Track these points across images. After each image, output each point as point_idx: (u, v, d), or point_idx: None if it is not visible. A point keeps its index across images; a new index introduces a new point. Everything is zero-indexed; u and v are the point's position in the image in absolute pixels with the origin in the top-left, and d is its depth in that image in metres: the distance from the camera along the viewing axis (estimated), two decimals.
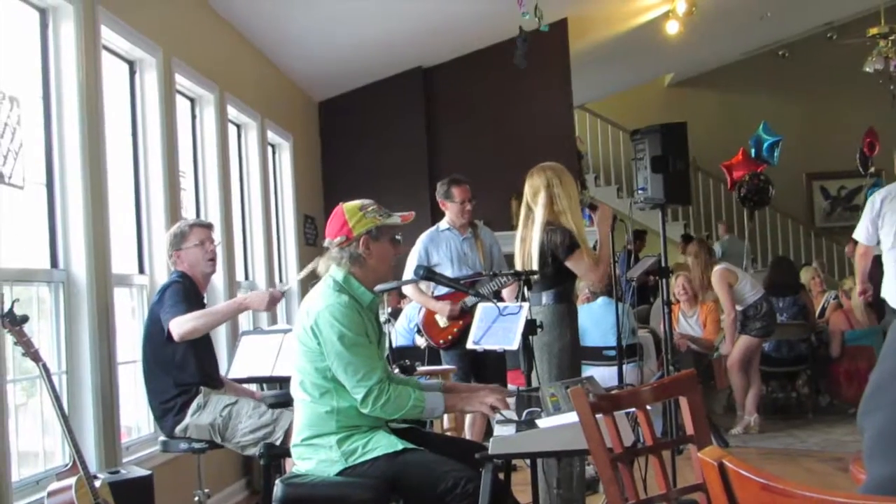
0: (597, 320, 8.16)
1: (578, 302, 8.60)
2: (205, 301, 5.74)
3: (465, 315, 7.07)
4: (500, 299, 6.88)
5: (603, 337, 8.13)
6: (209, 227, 5.91)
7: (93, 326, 5.58)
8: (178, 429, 5.45)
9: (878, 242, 7.70)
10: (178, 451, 5.66)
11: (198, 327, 5.40)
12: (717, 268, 9.56)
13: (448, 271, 7.12)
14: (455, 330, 7.24)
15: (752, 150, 13.12)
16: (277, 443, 5.21)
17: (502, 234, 8.31)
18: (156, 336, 5.47)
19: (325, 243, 4.40)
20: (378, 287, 4.59)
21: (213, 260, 5.79)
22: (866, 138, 14.34)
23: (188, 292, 5.52)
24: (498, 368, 7.19)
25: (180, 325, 5.33)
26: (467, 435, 7.15)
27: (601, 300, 8.39)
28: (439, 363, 7.46)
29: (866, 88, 14.97)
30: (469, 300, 7.05)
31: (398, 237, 4.49)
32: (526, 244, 6.08)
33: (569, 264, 5.88)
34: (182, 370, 5.44)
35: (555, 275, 5.91)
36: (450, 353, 7.35)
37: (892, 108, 13.69)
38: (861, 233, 7.83)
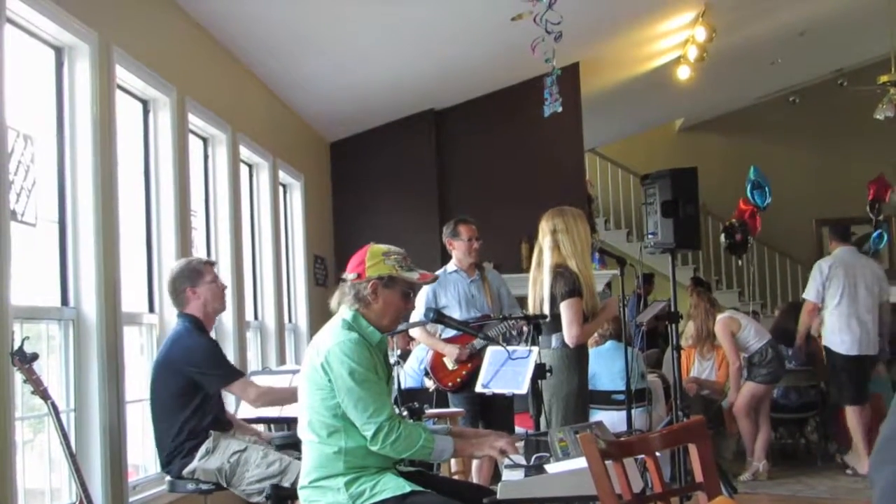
0: (605, 364, 8.15)
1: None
2: None
3: (474, 358, 7.07)
4: (520, 333, 6.91)
5: (612, 381, 8.11)
6: (215, 264, 5.94)
7: (102, 365, 5.58)
8: (185, 471, 5.44)
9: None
10: (185, 492, 5.64)
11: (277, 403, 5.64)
12: (720, 316, 9.56)
13: (456, 314, 7.11)
14: (463, 373, 7.23)
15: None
16: None
17: (513, 276, 8.32)
18: (169, 381, 5.46)
19: (343, 275, 4.40)
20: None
21: (223, 297, 5.81)
22: (873, 184, 14.35)
23: (218, 351, 5.59)
24: (506, 412, 7.18)
25: (257, 396, 5.52)
26: (474, 478, 7.12)
27: (609, 343, 8.37)
28: (447, 406, 7.44)
29: (876, 135, 15.00)
30: (477, 343, 7.04)
31: (412, 293, 4.49)
32: (537, 287, 6.13)
33: (561, 307, 5.93)
34: (194, 417, 5.43)
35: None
36: (458, 396, 7.34)
37: None
38: (811, 294, 9.59)
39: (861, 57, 15.55)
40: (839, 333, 9.33)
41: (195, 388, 5.42)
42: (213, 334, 5.81)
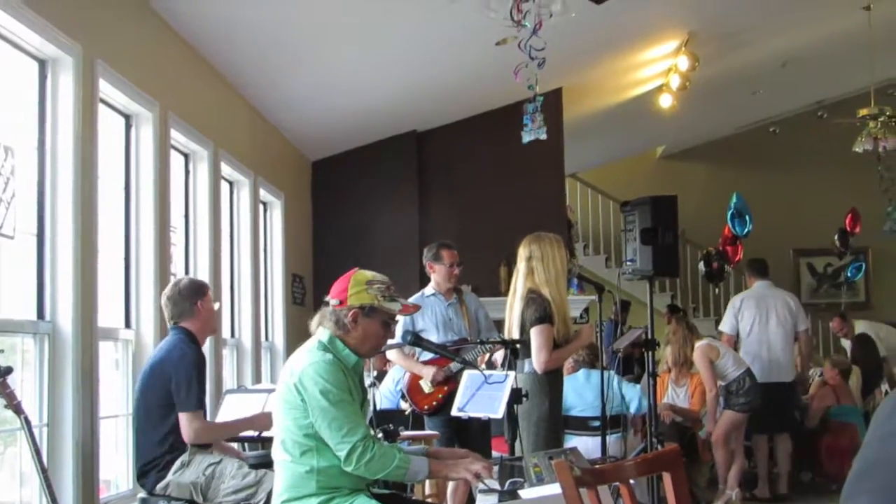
0: (579, 391, 8.15)
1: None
2: None
3: (450, 381, 7.06)
4: (492, 365, 6.92)
5: (583, 408, 8.12)
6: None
7: (76, 379, 5.55)
8: (159, 486, 5.42)
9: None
10: None
11: (214, 439, 5.62)
12: (698, 343, 9.59)
13: (433, 336, 7.11)
14: (440, 396, 7.22)
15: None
16: None
17: (491, 300, 8.32)
18: (158, 389, 5.47)
19: (326, 299, 4.39)
20: None
21: (217, 321, 5.89)
22: (847, 217, 14.46)
23: (202, 372, 5.55)
24: (482, 436, 7.17)
25: (197, 432, 5.41)
26: (449, 502, 7.11)
27: (582, 371, 8.36)
28: (423, 428, 7.43)
29: (855, 168, 15.09)
30: (454, 366, 7.04)
31: (392, 323, 4.49)
32: (512, 312, 6.15)
33: (531, 333, 5.95)
34: (177, 432, 5.42)
35: None
36: (434, 419, 7.33)
37: (879, 189, 13.81)
38: (725, 326, 10.25)
39: (842, 90, 15.67)
40: (752, 363, 9.70)
41: None
42: None
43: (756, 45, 12.51)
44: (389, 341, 6.95)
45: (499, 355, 7.28)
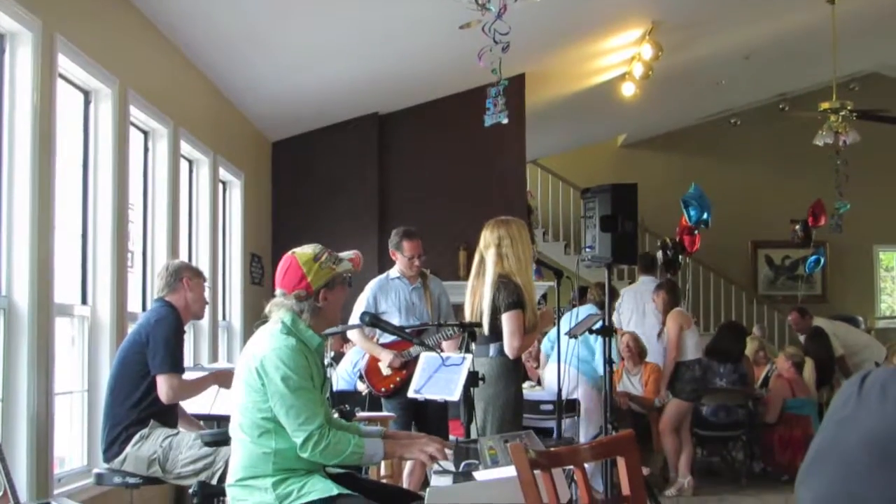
0: None
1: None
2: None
3: (409, 364, 7.06)
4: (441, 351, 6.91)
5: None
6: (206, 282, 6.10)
7: (32, 355, 5.52)
8: (116, 461, 5.42)
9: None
10: (112, 485, 5.61)
11: (189, 397, 5.69)
12: (675, 309, 9.71)
13: (395, 320, 7.10)
14: (397, 379, 7.21)
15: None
16: (217, 475, 5.20)
17: (449, 283, 8.32)
18: (134, 366, 5.51)
19: (278, 293, 4.36)
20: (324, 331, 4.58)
21: (204, 307, 5.97)
22: (812, 210, 14.54)
23: (180, 338, 5.60)
24: (440, 419, 7.17)
25: (175, 391, 5.47)
26: (405, 484, 7.11)
27: None
28: (380, 410, 7.43)
29: (815, 161, 15.19)
30: (413, 350, 7.03)
31: (349, 278, 4.49)
32: (476, 296, 6.14)
33: (503, 318, 5.94)
34: (149, 398, 5.47)
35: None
36: (391, 402, 7.32)
37: (835, 184, 13.90)
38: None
39: (804, 83, 15.78)
40: None
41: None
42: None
43: (720, 36, 12.58)
44: (350, 321, 7.01)
45: (446, 344, 7.28)
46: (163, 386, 5.43)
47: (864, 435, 1.90)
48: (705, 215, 12.54)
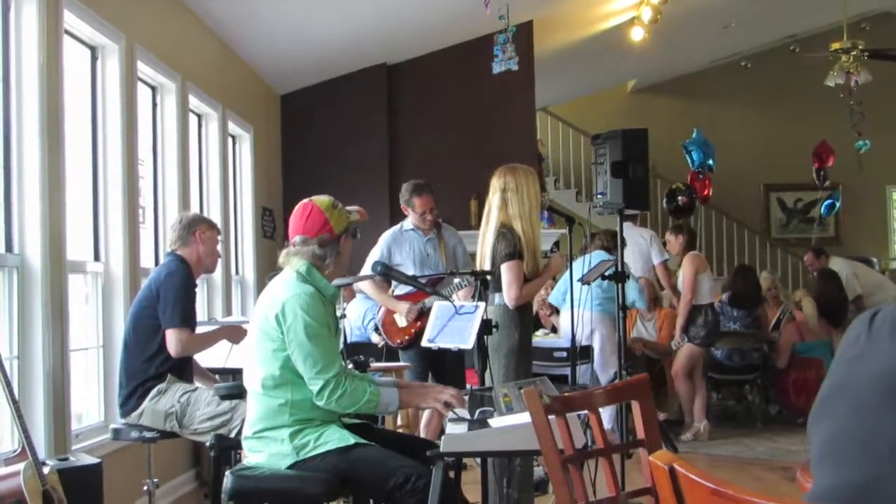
0: None
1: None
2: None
3: (424, 315, 7.05)
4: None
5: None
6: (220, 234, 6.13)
7: (46, 312, 5.54)
8: (133, 415, 5.46)
9: None
10: (129, 440, 5.65)
11: (198, 351, 5.73)
12: (692, 252, 9.69)
13: (410, 272, 7.07)
14: (413, 331, 7.18)
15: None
16: (234, 432, 5.22)
17: (462, 233, 8.31)
18: (147, 321, 5.56)
19: (298, 240, 4.36)
20: (335, 281, 4.59)
21: (217, 260, 6.01)
22: (817, 152, 14.47)
23: (191, 292, 5.63)
24: (457, 368, 7.17)
25: (183, 345, 5.50)
26: (422, 433, 7.13)
27: None
28: (397, 361, 7.45)
29: (826, 102, 15.09)
30: (429, 301, 7.01)
31: (356, 230, 4.52)
32: (484, 244, 6.13)
33: (501, 269, 5.93)
34: (164, 352, 5.51)
35: None
36: (408, 353, 7.32)
37: (850, 123, 13.82)
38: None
39: (814, 24, 15.63)
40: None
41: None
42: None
43: None
44: (362, 273, 7.01)
45: (461, 293, 7.26)
46: (172, 340, 5.45)
47: (875, 373, 1.90)
48: (710, 161, 12.49)
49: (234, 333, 5.77)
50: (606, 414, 8.00)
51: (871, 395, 1.89)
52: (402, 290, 7.27)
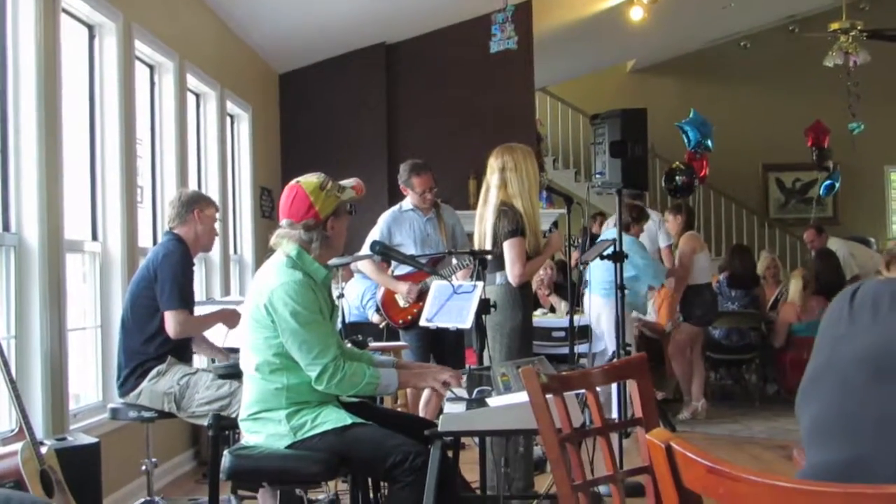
0: None
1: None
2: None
3: (425, 296, 7.04)
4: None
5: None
6: (219, 211, 6.12)
7: (43, 292, 5.54)
8: (132, 395, 5.46)
9: None
10: (127, 420, 5.65)
11: (196, 333, 5.74)
12: (690, 231, 9.72)
13: (411, 252, 7.07)
14: (414, 311, 7.16)
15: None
16: (232, 416, 5.21)
17: (460, 213, 8.30)
18: (145, 300, 5.56)
19: (285, 223, 4.35)
20: (332, 262, 4.58)
21: (214, 239, 6.01)
22: (810, 132, 14.44)
23: (188, 273, 5.63)
24: (457, 347, 7.18)
25: (182, 326, 5.50)
26: (421, 413, 7.14)
27: None
28: (398, 341, 7.45)
29: (825, 82, 15.07)
30: (430, 280, 7.00)
31: (352, 206, 4.49)
32: (483, 224, 6.12)
33: (504, 247, 5.93)
34: (162, 333, 5.51)
35: None
36: (409, 333, 7.32)
37: (849, 103, 13.79)
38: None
39: (813, 4, 15.60)
40: None
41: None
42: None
43: None
44: (359, 252, 7.00)
45: (460, 273, 7.26)
46: (170, 321, 5.45)
47: (858, 353, 1.90)
48: (708, 141, 12.46)
49: (230, 317, 5.77)
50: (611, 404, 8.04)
51: (856, 375, 1.90)
52: (402, 270, 7.26)
